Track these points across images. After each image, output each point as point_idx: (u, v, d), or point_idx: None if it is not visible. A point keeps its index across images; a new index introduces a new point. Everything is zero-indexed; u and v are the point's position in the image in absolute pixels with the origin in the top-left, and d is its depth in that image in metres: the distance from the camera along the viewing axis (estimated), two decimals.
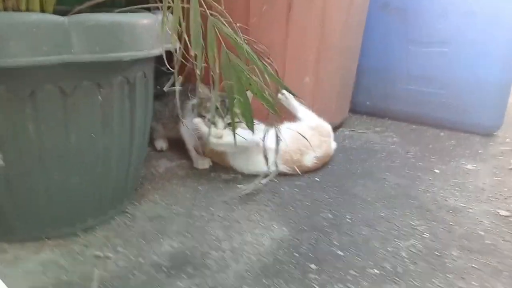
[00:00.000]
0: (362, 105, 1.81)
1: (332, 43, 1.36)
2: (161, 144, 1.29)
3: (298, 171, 1.10)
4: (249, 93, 0.82)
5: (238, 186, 1.04)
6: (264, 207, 0.96)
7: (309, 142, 1.04)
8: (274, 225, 0.88)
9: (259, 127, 0.92)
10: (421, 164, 1.28)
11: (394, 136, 1.56)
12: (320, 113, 1.29)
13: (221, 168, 1.16)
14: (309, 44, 1.31)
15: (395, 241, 0.84)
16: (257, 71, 0.83)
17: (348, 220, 0.92)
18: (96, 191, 0.79)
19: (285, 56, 1.29)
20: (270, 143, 0.93)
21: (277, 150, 0.96)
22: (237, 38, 0.77)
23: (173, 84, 0.74)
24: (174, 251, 0.77)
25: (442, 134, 1.60)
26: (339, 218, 0.93)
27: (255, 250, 0.79)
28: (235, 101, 0.81)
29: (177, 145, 1.27)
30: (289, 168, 1.11)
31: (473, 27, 1.47)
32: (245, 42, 0.83)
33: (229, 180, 1.10)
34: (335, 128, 1.48)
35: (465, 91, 1.55)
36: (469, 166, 1.28)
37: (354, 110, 1.80)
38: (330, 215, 0.94)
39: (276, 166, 0.99)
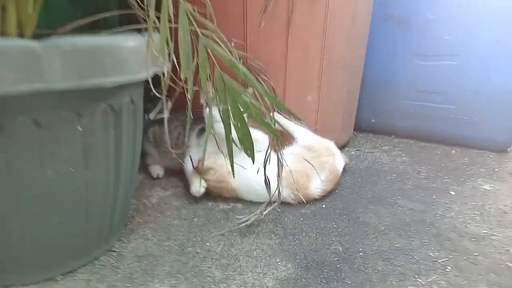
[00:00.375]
0: (367, 122, 1.73)
1: (335, 58, 1.29)
2: (157, 170, 1.20)
3: (303, 199, 1.02)
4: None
5: (238, 217, 0.96)
6: (266, 240, 0.87)
7: (310, 162, 0.97)
8: (277, 262, 0.80)
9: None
10: (434, 185, 1.19)
11: (403, 155, 1.47)
12: (325, 133, 1.22)
13: (219, 197, 1.07)
14: (311, 60, 1.24)
15: (415, 277, 0.75)
16: (256, 93, 0.76)
17: (360, 253, 0.83)
18: (78, 230, 0.71)
19: (285, 74, 1.22)
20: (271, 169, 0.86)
21: (279, 176, 0.89)
22: (233, 59, 0.70)
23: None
24: None
25: (453, 151, 1.52)
26: (350, 251, 0.84)
27: None
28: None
29: (173, 172, 1.18)
30: (294, 196, 1.02)
31: (482, 38, 1.41)
32: (242, 61, 0.76)
33: (228, 210, 1.01)
34: (340, 148, 1.40)
35: (476, 105, 1.47)
36: (486, 187, 1.19)
37: (359, 127, 1.71)
38: (340, 248, 0.85)
39: (280, 193, 0.91)
